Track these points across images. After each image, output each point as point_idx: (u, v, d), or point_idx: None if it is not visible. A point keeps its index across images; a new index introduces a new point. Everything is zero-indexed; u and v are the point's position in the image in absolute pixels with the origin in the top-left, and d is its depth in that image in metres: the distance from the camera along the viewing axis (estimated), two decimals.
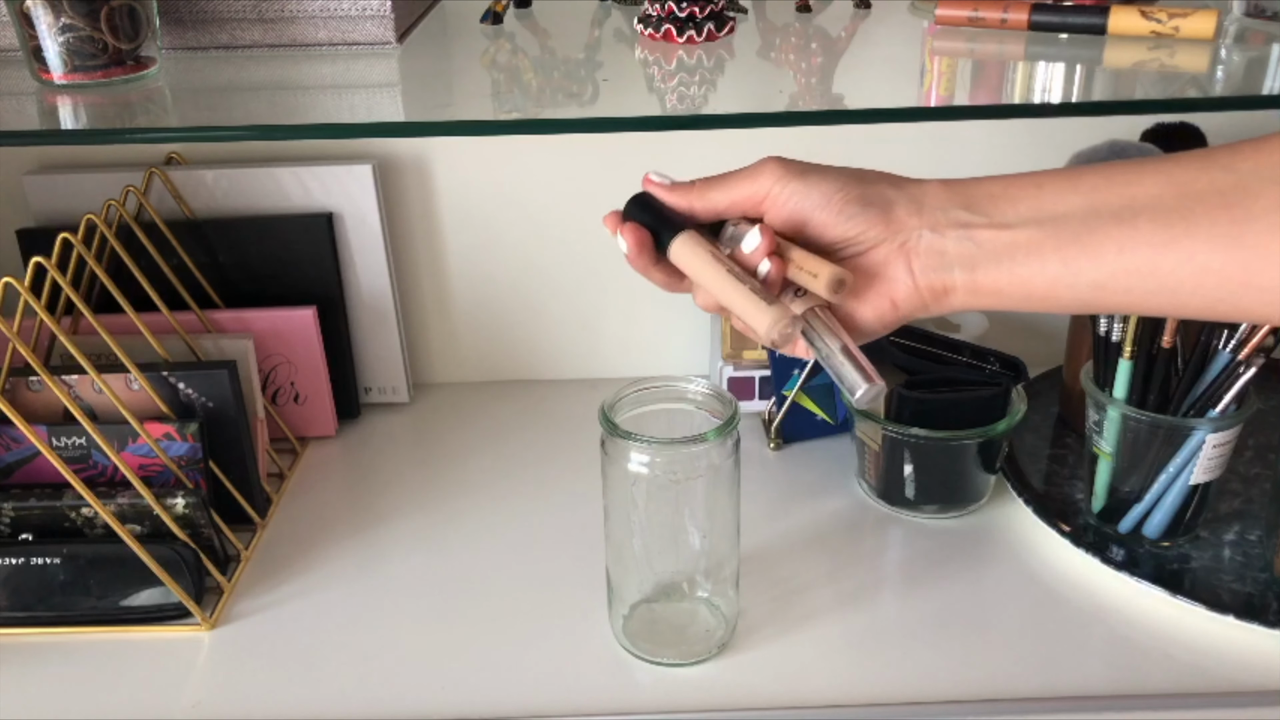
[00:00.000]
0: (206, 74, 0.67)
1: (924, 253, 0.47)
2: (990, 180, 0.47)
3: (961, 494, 0.80)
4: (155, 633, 0.71)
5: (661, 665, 0.67)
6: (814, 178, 0.49)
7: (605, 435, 0.64)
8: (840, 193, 0.48)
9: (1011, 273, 0.46)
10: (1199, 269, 0.42)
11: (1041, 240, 0.45)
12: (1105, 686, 0.64)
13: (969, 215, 0.46)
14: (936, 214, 0.47)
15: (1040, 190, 0.46)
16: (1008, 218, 0.46)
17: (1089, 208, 0.44)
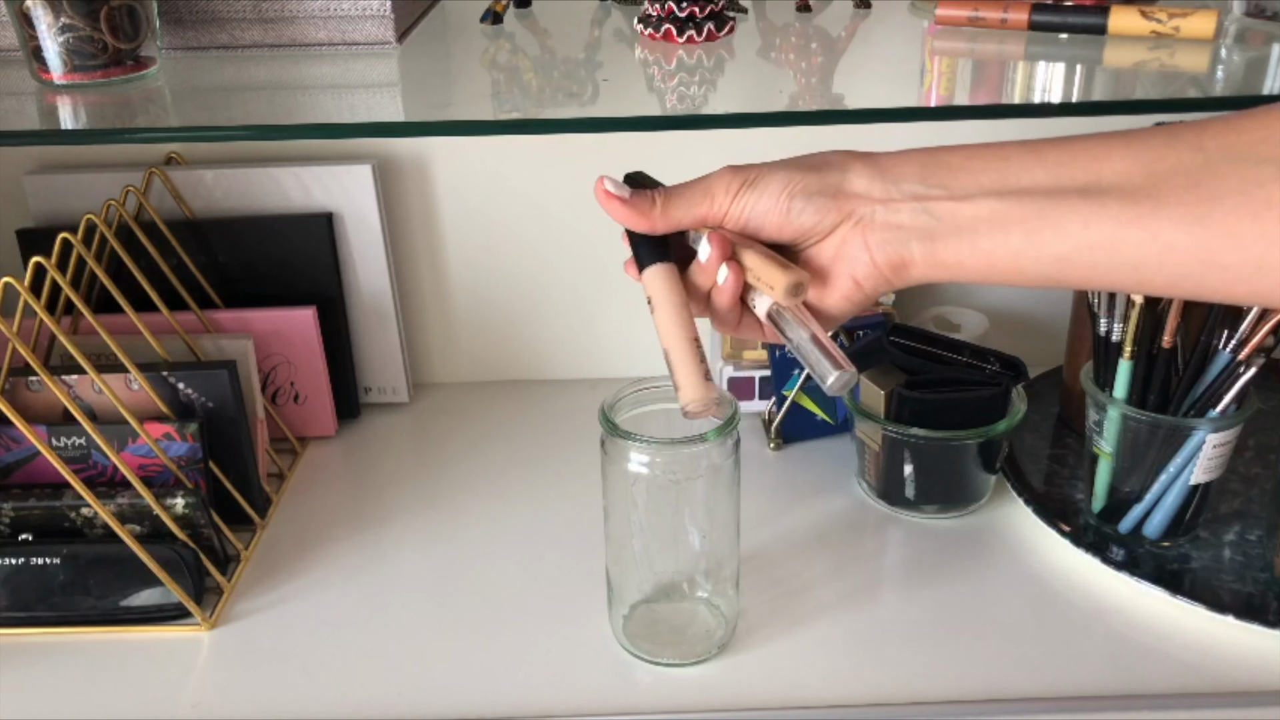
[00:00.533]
0: (206, 74, 0.67)
1: (879, 227, 0.47)
2: (951, 150, 0.46)
3: (961, 494, 0.80)
4: (155, 633, 0.71)
5: (661, 665, 0.67)
6: (762, 182, 0.49)
7: (605, 435, 0.64)
8: (785, 191, 0.48)
9: (973, 245, 0.45)
10: (1164, 247, 0.41)
11: (1004, 212, 0.44)
12: (1105, 686, 0.64)
13: (925, 188, 0.46)
14: (890, 188, 0.46)
15: (1005, 162, 0.45)
16: (968, 190, 0.45)
17: (1054, 182, 0.43)
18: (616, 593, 0.69)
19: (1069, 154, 0.44)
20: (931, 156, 0.46)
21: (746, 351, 0.92)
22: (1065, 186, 0.43)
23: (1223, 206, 0.40)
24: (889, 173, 0.47)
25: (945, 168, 0.46)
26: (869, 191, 0.47)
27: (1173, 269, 0.42)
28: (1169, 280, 0.42)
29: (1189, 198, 0.41)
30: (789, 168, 0.49)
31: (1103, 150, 0.43)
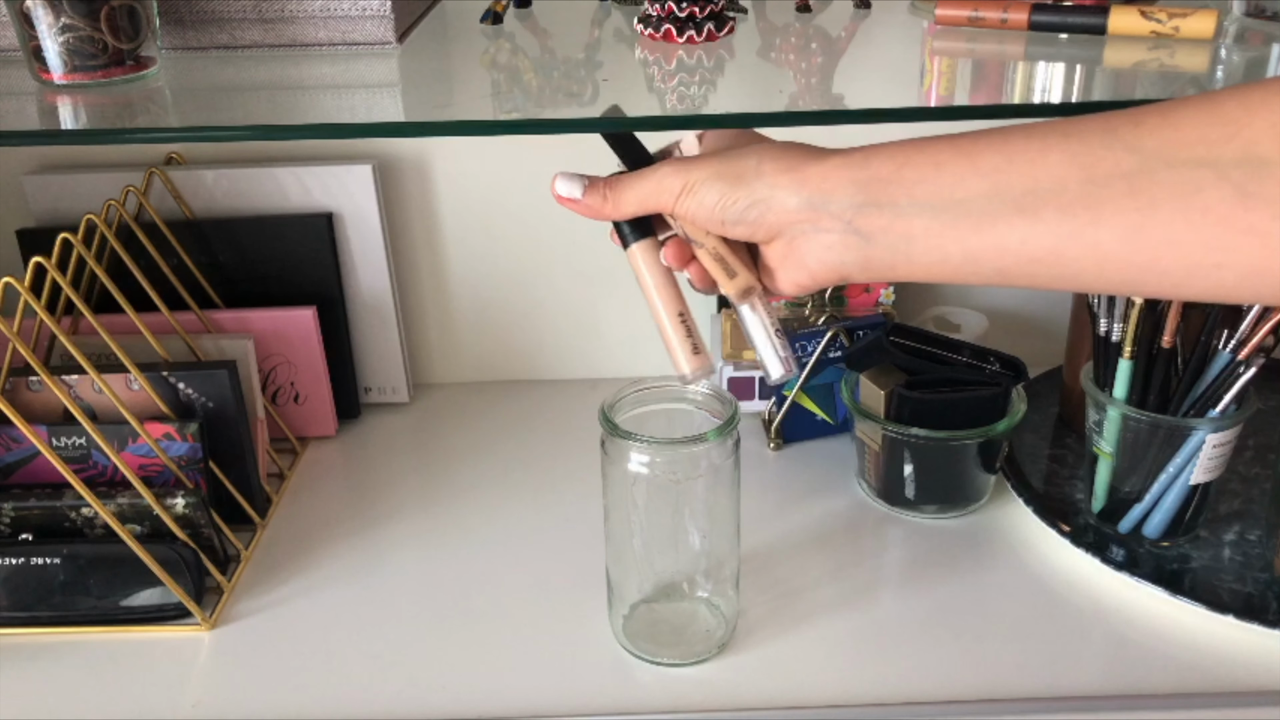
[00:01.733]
0: (206, 74, 0.67)
1: (811, 245, 0.47)
2: (883, 157, 0.45)
3: (961, 494, 0.80)
4: (155, 633, 0.71)
5: (661, 665, 0.67)
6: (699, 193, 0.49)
7: (605, 435, 0.64)
8: (718, 206, 0.48)
9: (909, 260, 0.45)
10: (1102, 257, 0.41)
11: (938, 231, 0.44)
12: (1105, 686, 0.64)
13: (854, 207, 0.45)
14: (818, 207, 0.46)
15: (939, 171, 0.44)
16: (900, 205, 0.44)
17: (991, 192, 0.42)
18: (617, 592, 0.69)
19: (1005, 157, 0.43)
20: (862, 167, 0.45)
21: (746, 351, 0.92)
22: (1002, 196, 0.42)
23: (1159, 214, 0.40)
24: (817, 190, 0.46)
25: (876, 181, 0.45)
26: (797, 212, 0.47)
27: (1112, 275, 0.42)
28: (1108, 284, 0.43)
29: (1127, 205, 0.40)
30: (722, 181, 0.48)
31: (1040, 151, 0.42)
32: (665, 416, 0.66)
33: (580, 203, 0.52)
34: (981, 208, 0.42)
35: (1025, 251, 0.42)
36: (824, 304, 0.90)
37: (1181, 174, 0.39)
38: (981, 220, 0.43)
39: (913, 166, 0.44)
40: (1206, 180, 0.39)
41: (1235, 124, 0.39)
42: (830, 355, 0.86)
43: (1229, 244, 0.39)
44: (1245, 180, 0.38)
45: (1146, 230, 0.40)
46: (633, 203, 0.51)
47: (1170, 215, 0.40)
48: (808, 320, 0.91)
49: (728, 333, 0.91)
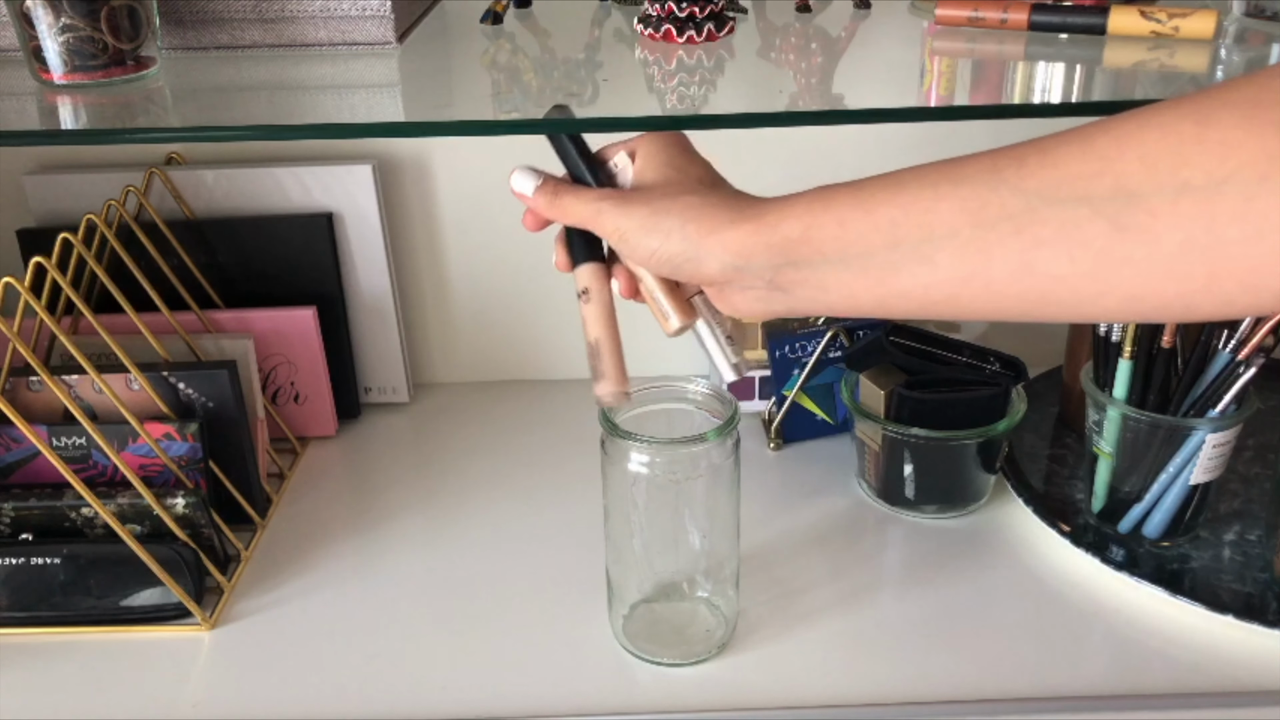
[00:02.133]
0: (206, 74, 0.67)
1: (740, 298, 0.51)
2: (792, 220, 0.48)
3: (961, 494, 0.80)
4: (155, 633, 0.71)
5: (661, 665, 0.67)
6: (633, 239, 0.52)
7: (605, 435, 0.64)
8: (653, 256, 0.52)
9: (828, 305, 0.49)
10: (997, 294, 0.44)
11: (848, 280, 0.47)
12: (1105, 686, 0.64)
13: (772, 268, 0.49)
14: (741, 269, 0.49)
15: (843, 229, 0.47)
16: (814, 262, 0.48)
17: (891, 243, 0.45)
18: (616, 592, 0.69)
19: (901, 210, 0.45)
20: (774, 230, 0.48)
21: (747, 351, 0.92)
22: (901, 246, 0.45)
23: (1044, 253, 0.42)
24: (737, 255, 0.49)
25: (788, 243, 0.48)
26: (722, 274, 0.50)
27: (1010, 309, 0.44)
28: (1005, 316, 0.45)
29: (1013, 245, 0.43)
30: (651, 236, 0.51)
31: (932, 199, 0.45)
32: (665, 416, 0.66)
33: (529, 199, 0.56)
34: (884, 259, 0.46)
35: (928, 295, 0.46)
36: None
37: (1062, 212, 0.41)
38: (885, 270, 0.46)
39: (819, 226, 0.47)
40: (1083, 216, 0.41)
41: (1107, 159, 0.41)
42: (830, 355, 0.87)
43: (1108, 274, 0.41)
44: (1118, 214, 0.40)
45: (1034, 268, 0.42)
46: (571, 215, 0.55)
47: (1054, 253, 0.42)
48: (808, 320, 0.91)
49: None
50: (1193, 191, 0.38)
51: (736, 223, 0.49)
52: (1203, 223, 0.38)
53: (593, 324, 0.57)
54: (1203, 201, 0.38)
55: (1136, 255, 0.40)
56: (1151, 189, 0.39)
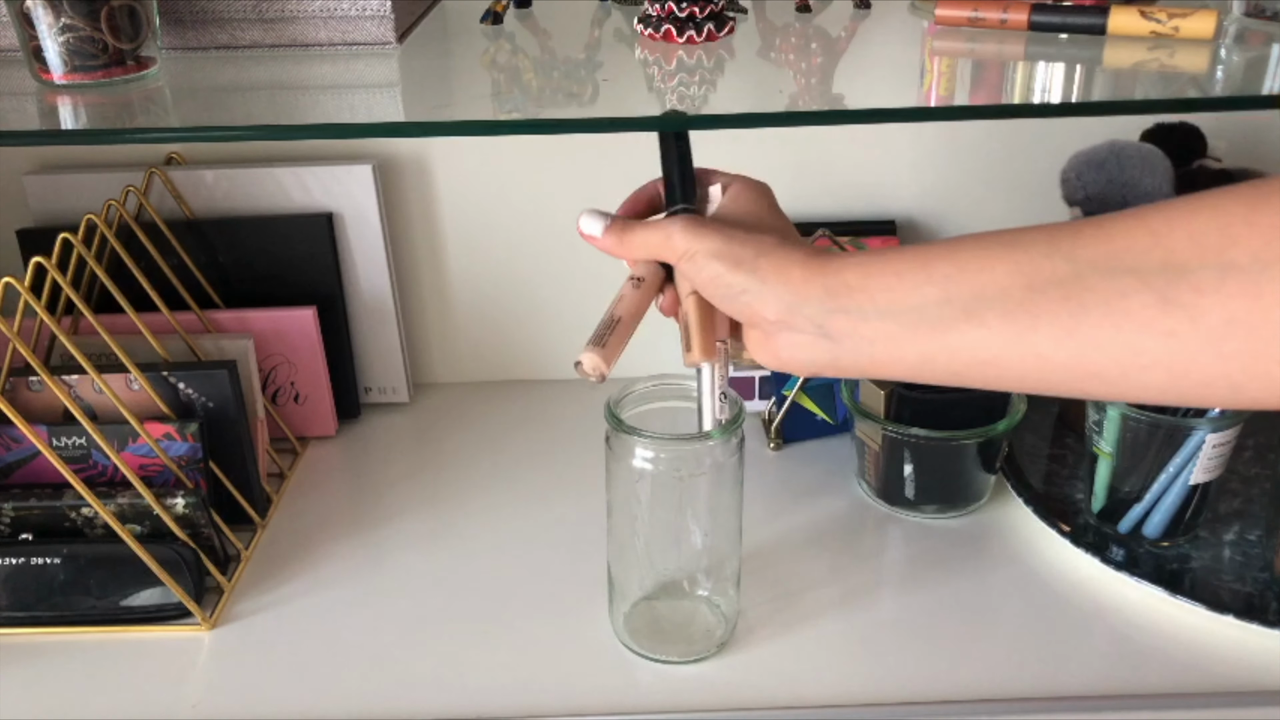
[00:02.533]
0: (206, 74, 0.67)
1: (785, 344, 0.51)
2: (850, 267, 0.49)
3: (961, 494, 0.80)
4: (155, 633, 0.71)
5: (662, 663, 0.67)
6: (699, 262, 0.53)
7: (610, 431, 0.64)
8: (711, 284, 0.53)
9: (871, 359, 0.49)
10: (1042, 360, 0.44)
11: (898, 333, 0.48)
12: (1105, 686, 0.64)
13: (825, 312, 0.50)
14: (795, 311, 0.50)
15: (899, 279, 0.48)
16: (865, 311, 0.48)
17: (942, 299, 0.46)
18: (618, 589, 0.69)
19: (957, 266, 0.46)
20: (835, 275, 0.49)
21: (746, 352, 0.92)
22: (952, 302, 0.46)
23: (1089, 319, 0.43)
24: (797, 293, 0.50)
25: (845, 288, 0.49)
26: (776, 314, 0.51)
27: (1053, 378, 0.45)
28: (1049, 387, 0.46)
29: (1061, 311, 0.43)
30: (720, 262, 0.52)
31: (988, 261, 0.46)
32: (670, 413, 0.66)
33: (598, 240, 0.57)
34: (935, 313, 0.47)
35: (974, 355, 0.46)
36: None
37: (1110, 281, 0.42)
38: (934, 325, 0.47)
39: (876, 275, 0.48)
40: (1131, 286, 0.42)
41: (1158, 235, 0.42)
42: None
43: (1152, 346, 0.42)
44: (1165, 286, 0.41)
45: (1077, 334, 0.43)
46: (640, 249, 0.56)
47: (1098, 319, 0.43)
48: None
49: None
50: (1239, 271, 0.39)
51: (803, 264, 0.51)
52: (1247, 303, 0.39)
53: (624, 304, 0.58)
54: (1249, 283, 0.39)
55: (1181, 330, 0.41)
56: (1198, 265, 0.40)
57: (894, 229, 0.92)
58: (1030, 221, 0.97)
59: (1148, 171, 0.70)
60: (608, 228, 0.57)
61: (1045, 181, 0.76)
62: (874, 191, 0.92)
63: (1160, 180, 0.70)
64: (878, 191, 0.92)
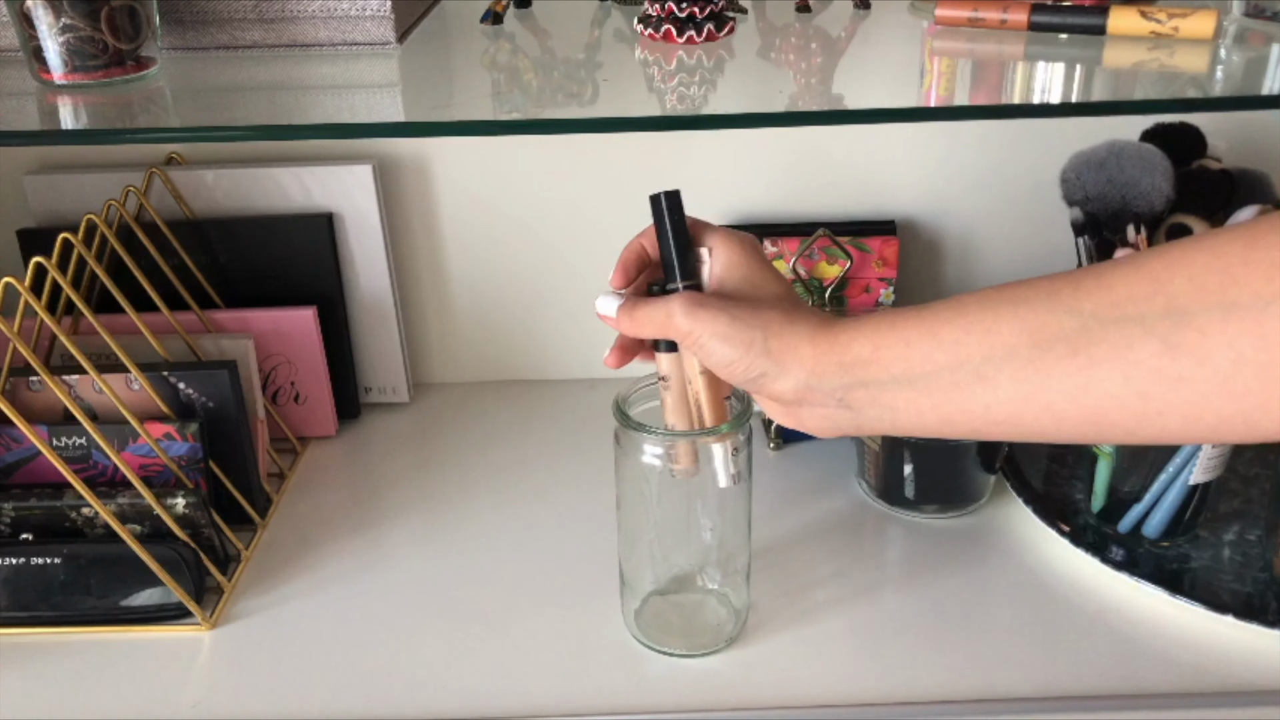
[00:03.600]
0: (206, 74, 0.67)
1: (808, 415, 0.52)
2: (859, 340, 0.50)
3: (961, 494, 0.80)
4: (155, 633, 0.71)
5: (673, 656, 0.67)
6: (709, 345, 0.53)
7: (619, 428, 0.64)
8: (728, 366, 0.53)
9: (894, 423, 0.50)
10: (1057, 414, 0.45)
11: (915, 399, 0.49)
12: (1105, 686, 0.65)
13: (843, 386, 0.50)
14: (814, 387, 0.51)
15: (909, 349, 0.48)
16: (881, 382, 0.49)
17: (954, 364, 0.47)
18: (629, 584, 0.69)
19: (964, 330, 0.47)
20: (845, 349, 0.50)
21: None
22: (964, 366, 0.47)
23: (1100, 372, 0.43)
24: (811, 373, 0.51)
25: (858, 363, 0.50)
26: (796, 392, 0.52)
27: (1069, 430, 0.45)
28: (1070, 436, 0.46)
29: (1071, 367, 0.44)
30: (729, 346, 0.52)
31: (994, 320, 0.46)
32: None
33: (612, 320, 0.57)
34: (948, 379, 0.47)
35: (990, 414, 0.47)
36: (824, 304, 0.90)
37: (1116, 332, 0.43)
38: (949, 390, 0.47)
39: (886, 346, 0.49)
40: (1136, 335, 0.42)
41: (1159, 280, 0.42)
42: None
43: (1164, 393, 0.42)
44: (1169, 332, 0.41)
45: (1090, 388, 0.43)
46: (646, 326, 0.56)
47: (1108, 371, 0.43)
48: None
49: None
50: (1241, 310, 0.40)
51: (813, 340, 0.51)
52: (1252, 341, 0.40)
53: (670, 411, 0.60)
54: (1251, 321, 0.39)
55: (1190, 374, 0.41)
56: (1200, 308, 0.40)
57: (894, 229, 0.92)
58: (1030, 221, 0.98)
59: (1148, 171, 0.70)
60: (620, 307, 0.57)
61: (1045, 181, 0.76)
62: (874, 191, 0.92)
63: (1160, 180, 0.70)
64: (878, 191, 0.92)
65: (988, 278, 0.96)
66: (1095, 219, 0.72)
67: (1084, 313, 0.44)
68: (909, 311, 0.50)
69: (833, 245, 0.88)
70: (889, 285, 0.91)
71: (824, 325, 0.52)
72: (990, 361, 0.46)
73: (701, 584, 0.71)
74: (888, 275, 0.90)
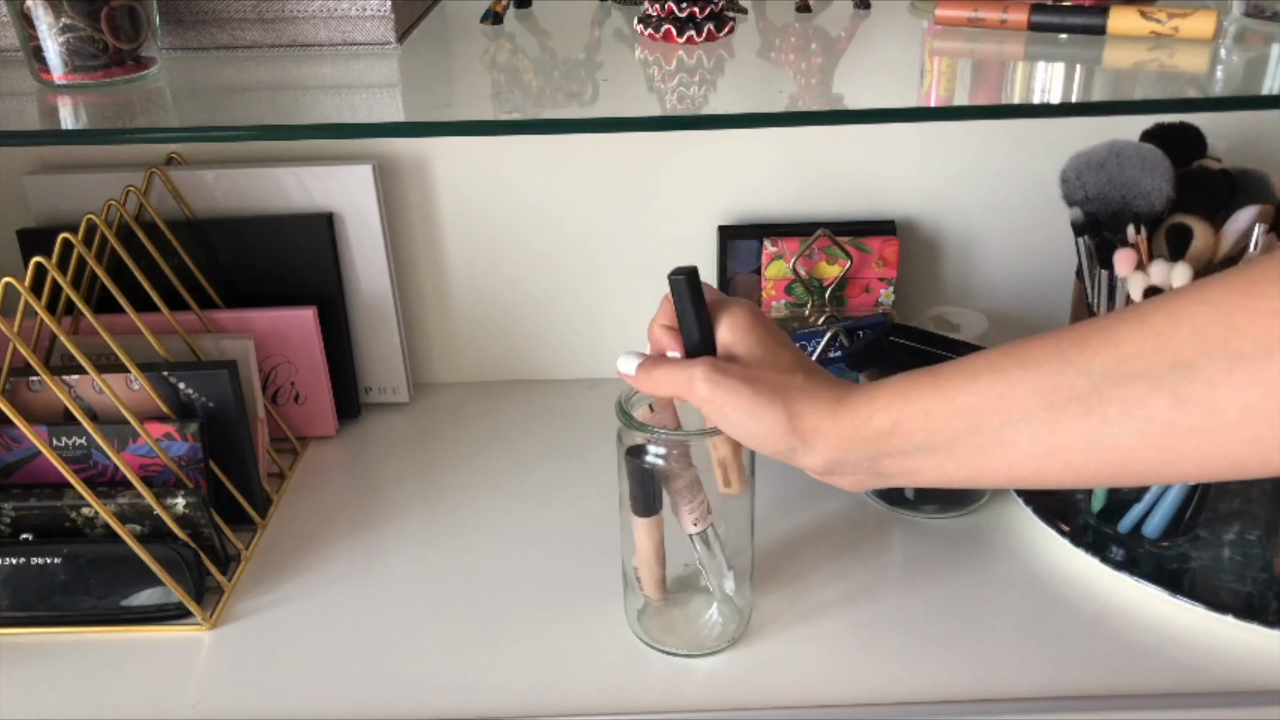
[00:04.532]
0: (206, 74, 0.67)
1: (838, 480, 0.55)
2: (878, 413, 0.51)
3: (961, 494, 0.80)
4: (155, 633, 0.71)
5: (676, 656, 0.67)
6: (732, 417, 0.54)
7: (622, 428, 0.64)
8: (751, 440, 0.55)
9: (923, 482, 0.52)
10: (1077, 469, 0.47)
11: (940, 464, 0.50)
12: (1105, 686, 0.65)
13: (869, 459, 0.52)
14: (840, 463, 0.53)
15: (928, 419, 0.50)
16: (906, 450, 0.51)
17: (972, 429, 0.48)
18: (632, 584, 0.69)
19: (979, 397, 0.48)
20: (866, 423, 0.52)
21: None
22: (983, 430, 0.48)
23: (1114, 429, 0.44)
24: (837, 449, 0.53)
25: (881, 435, 0.51)
26: (823, 467, 0.54)
27: (1090, 477, 0.47)
28: (1092, 483, 0.49)
29: (1085, 426, 0.45)
30: (753, 421, 0.54)
31: (1006, 385, 0.47)
32: (680, 410, 0.66)
33: (632, 378, 0.59)
34: (969, 444, 0.49)
35: (1013, 472, 0.48)
36: (824, 304, 0.90)
37: (1124, 389, 0.44)
38: (970, 454, 0.49)
39: (906, 419, 0.50)
40: (1145, 392, 0.43)
41: (1163, 335, 0.43)
42: (830, 355, 0.87)
43: (1177, 443, 0.43)
44: (1177, 386, 0.42)
45: (1106, 443, 0.45)
46: (663, 386, 0.57)
47: (1121, 429, 0.44)
48: (808, 320, 0.91)
49: None
50: (1246, 360, 0.40)
51: (834, 417, 0.52)
52: (1259, 389, 0.40)
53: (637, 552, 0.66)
54: (1256, 370, 0.40)
55: (1202, 424, 0.42)
56: (1205, 360, 0.41)
57: (894, 229, 0.92)
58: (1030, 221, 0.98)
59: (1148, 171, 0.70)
60: (640, 365, 0.59)
61: (1045, 181, 0.76)
62: (874, 191, 0.92)
63: (1160, 180, 0.70)
64: (878, 191, 0.92)
65: (987, 278, 0.96)
66: (1095, 219, 0.72)
67: (1093, 372, 0.45)
68: (920, 378, 0.51)
69: (833, 245, 0.88)
70: (889, 285, 0.91)
71: (841, 399, 0.53)
72: (1008, 425, 0.47)
73: (704, 584, 0.71)
74: (888, 275, 0.90)
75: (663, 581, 0.67)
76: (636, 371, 0.59)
